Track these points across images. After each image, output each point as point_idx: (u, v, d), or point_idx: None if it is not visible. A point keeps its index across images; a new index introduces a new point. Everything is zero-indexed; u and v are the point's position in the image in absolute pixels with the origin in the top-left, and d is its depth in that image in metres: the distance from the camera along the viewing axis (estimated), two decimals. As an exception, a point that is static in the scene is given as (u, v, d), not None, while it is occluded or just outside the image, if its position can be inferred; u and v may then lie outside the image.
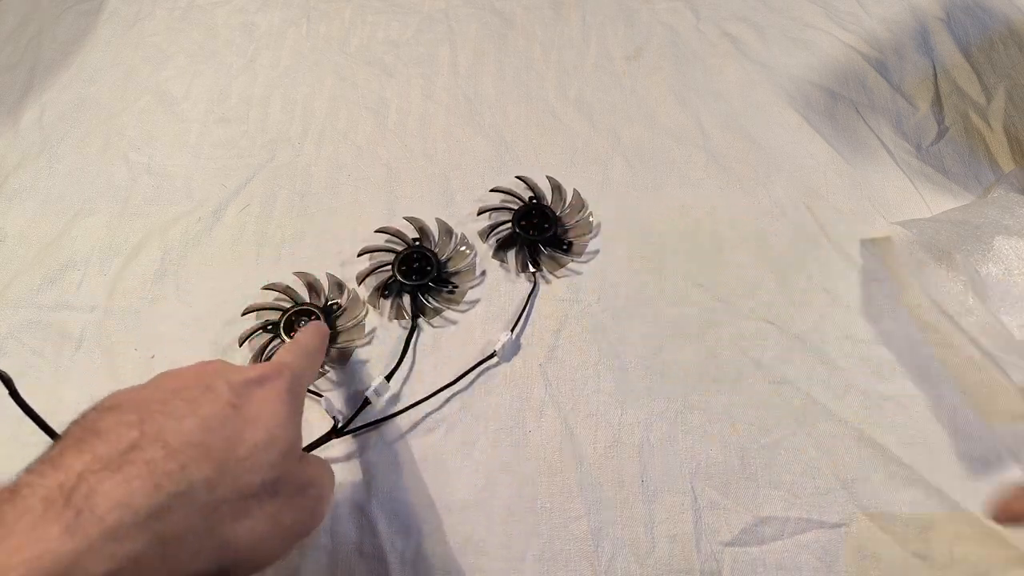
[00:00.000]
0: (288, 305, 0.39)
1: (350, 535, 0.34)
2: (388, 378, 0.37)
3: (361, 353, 0.39)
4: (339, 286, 0.41)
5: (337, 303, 0.40)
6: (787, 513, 0.35)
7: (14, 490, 0.19)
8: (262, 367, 0.27)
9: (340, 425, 0.36)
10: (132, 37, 0.54)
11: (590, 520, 0.34)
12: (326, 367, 0.38)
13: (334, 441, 0.36)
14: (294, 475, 0.26)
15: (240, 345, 0.39)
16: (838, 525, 0.34)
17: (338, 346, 0.39)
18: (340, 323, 0.39)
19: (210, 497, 0.22)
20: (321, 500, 0.28)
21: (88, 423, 0.22)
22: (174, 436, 0.22)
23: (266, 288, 0.41)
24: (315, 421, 0.37)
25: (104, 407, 0.23)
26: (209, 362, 0.27)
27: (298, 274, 0.41)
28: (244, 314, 0.40)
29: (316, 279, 0.41)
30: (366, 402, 0.36)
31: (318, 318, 0.39)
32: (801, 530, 0.34)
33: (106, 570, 0.19)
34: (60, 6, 0.55)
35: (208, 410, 0.23)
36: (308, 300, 0.40)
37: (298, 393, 0.28)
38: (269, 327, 0.39)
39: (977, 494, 0.35)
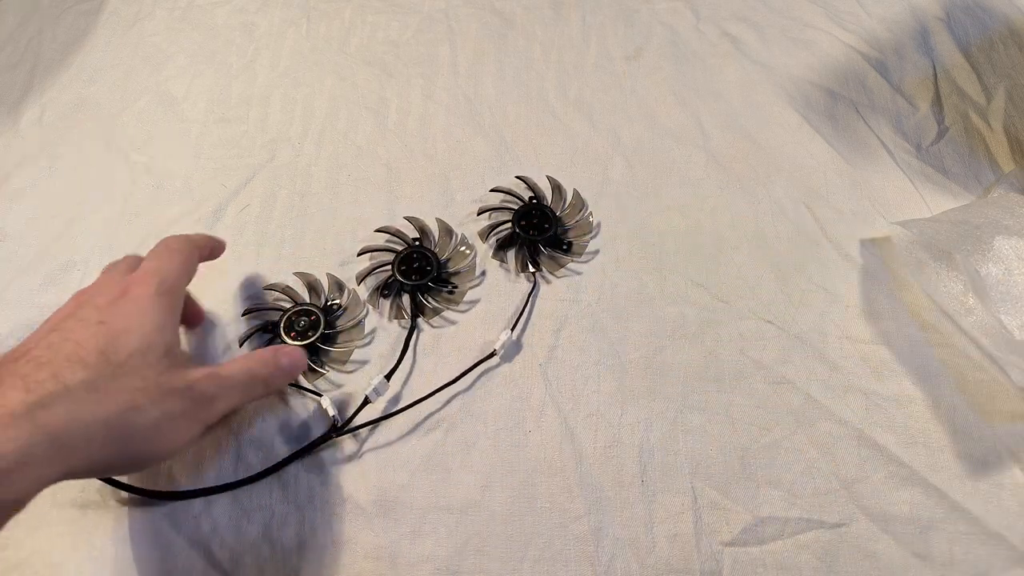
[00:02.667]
0: (288, 305, 0.39)
1: (350, 535, 0.34)
2: (388, 377, 0.37)
3: (361, 353, 0.39)
4: (339, 286, 0.41)
5: (337, 303, 0.40)
6: (787, 513, 0.35)
7: None
8: (126, 280, 0.31)
9: (340, 424, 0.36)
10: (132, 37, 0.54)
11: (590, 520, 0.34)
12: (327, 367, 0.38)
13: (334, 440, 0.36)
14: (179, 374, 0.29)
15: (240, 345, 0.39)
16: (838, 525, 0.34)
17: (338, 347, 0.39)
18: (340, 323, 0.39)
19: (92, 395, 0.25)
20: (212, 401, 0.30)
21: None
22: (48, 356, 0.26)
23: (267, 288, 0.41)
24: (315, 420, 0.37)
25: (2, 361, 0.27)
26: (82, 291, 0.31)
27: (298, 274, 0.41)
28: (245, 315, 0.40)
29: (316, 279, 0.41)
30: (366, 401, 0.36)
31: (318, 319, 0.39)
32: (801, 530, 0.34)
33: None
34: (60, 6, 0.55)
35: (79, 334, 0.27)
36: (308, 300, 0.40)
37: (167, 295, 0.31)
38: (269, 327, 0.39)
39: (977, 494, 0.35)
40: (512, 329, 0.39)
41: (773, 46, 0.54)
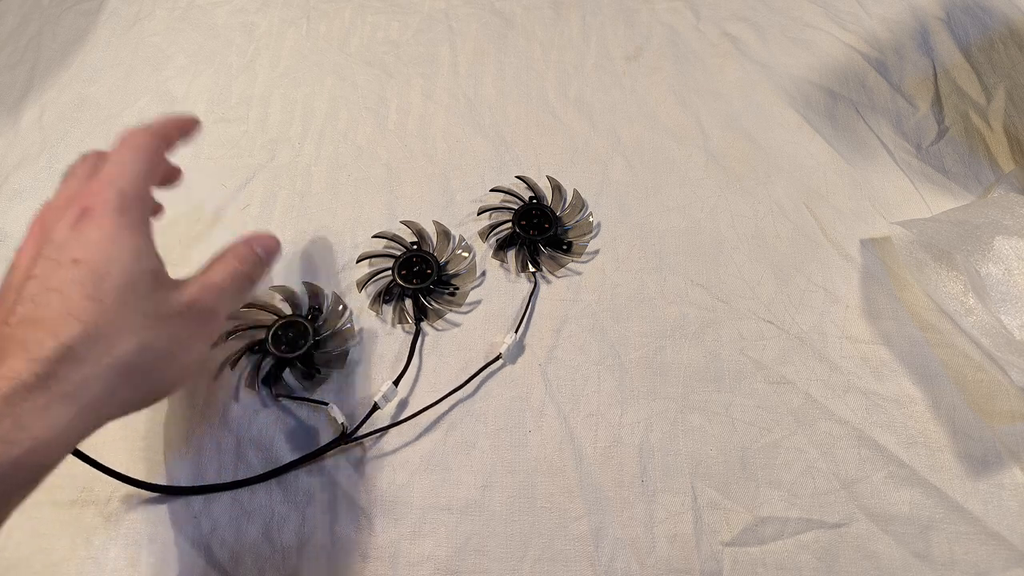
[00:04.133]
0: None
1: (350, 535, 0.34)
2: (396, 383, 0.37)
3: (357, 351, 0.39)
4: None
5: (319, 308, 0.40)
6: (787, 513, 0.35)
7: None
8: (82, 197, 0.28)
9: (349, 432, 0.36)
10: (132, 37, 0.54)
11: (590, 520, 0.34)
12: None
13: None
14: (175, 297, 0.28)
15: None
16: (838, 525, 0.34)
17: (326, 351, 0.38)
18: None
19: (97, 347, 0.25)
20: (214, 313, 0.30)
21: None
22: (37, 313, 0.25)
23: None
24: (319, 425, 0.37)
25: None
26: (39, 217, 0.28)
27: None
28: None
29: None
30: (375, 408, 0.36)
31: (305, 329, 0.38)
32: (801, 530, 0.34)
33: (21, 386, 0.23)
34: (60, 6, 0.55)
35: (57, 281, 0.25)
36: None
37: (131, 208, 0.28)
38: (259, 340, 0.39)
39: (977, 494, 0.35)
40: (516, 331, 0.39)
41: (773, 46, 0.54)
